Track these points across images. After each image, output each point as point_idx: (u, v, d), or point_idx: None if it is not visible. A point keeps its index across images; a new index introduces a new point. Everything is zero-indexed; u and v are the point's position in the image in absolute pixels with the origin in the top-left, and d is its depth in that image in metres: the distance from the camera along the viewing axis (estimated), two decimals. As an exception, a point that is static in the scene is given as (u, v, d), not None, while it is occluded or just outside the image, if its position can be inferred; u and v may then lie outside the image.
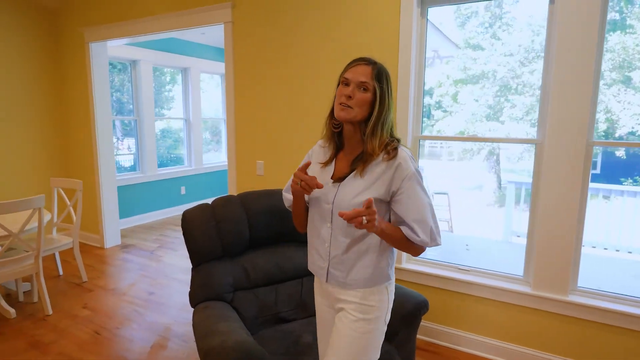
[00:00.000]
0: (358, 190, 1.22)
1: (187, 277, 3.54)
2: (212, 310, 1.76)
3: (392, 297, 1.33)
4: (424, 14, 2.43)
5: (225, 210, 1.99)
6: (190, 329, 2.67)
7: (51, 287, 3.28)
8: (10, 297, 3.09)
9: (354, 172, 1.25)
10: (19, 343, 2.48)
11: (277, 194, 2.12)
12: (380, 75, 1.22)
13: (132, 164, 5.35)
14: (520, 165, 8.55)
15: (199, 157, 6.08)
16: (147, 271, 3.68)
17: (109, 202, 4.27)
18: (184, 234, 1.94)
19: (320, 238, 1.32)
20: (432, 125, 7.65)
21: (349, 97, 1.20)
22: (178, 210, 5.77)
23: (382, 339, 1.32)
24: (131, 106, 5.25)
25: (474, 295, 2.39)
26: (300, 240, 2.20)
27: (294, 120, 2.88)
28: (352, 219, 1.05)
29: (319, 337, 1.47)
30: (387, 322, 1.33)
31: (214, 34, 5.30)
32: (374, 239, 1.25)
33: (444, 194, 5.69)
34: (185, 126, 6.00)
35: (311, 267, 1.40)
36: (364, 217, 1.06)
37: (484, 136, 6.57)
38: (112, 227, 4.33)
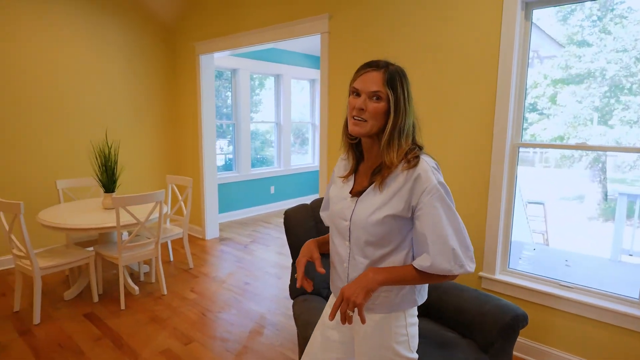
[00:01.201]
0: (375, 206, 1.12)
1: (278, 270, 3.80)
2: (310, 303, 1.91)
3: (410, 322, 1.18)
4: (528, 17, 2.34)
5: (323, 211, 2.13)
6: (283, 319, 2.88)
7: (165, 270, 3.74)
8: (133, 277, 3.60)
9: (373, 186, 1.14)
10: (142, 316, 2.89)
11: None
12: (393, 80, 1.10)
13: (224, 163, 5.83)
14: (633, 174, 7.60)
15: (287, 159, 6.42)
16: (242, 263, 4.02)
17: (211, 198, 4.72)
18: (286, 231, 2.11)
19: (339, 257, 1.22)
20: (525, 129, 7.16)
21: (362, 110, 1.09)
22: (267, 209, 6.16)
23: None
24: (224, 110, 5.73)
25: (575, 314, 2.24)
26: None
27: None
28: (342, 318, 1.00)
29: (314, 333, 1.38)
30: (412, 356, 1.17)
31: (303, 42, 5.58)
32: (394, 263, 1.13)
33: (540, 204, 5.31)
34: (276, 129, 6.37)
35: (332, 287, 1.30)
36: (347, 310, 0.99)
37: (588, 142, 6.01)
38: (213, 221, 4.78)
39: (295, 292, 2.04)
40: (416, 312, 1.21)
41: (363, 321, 1.04)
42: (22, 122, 3.74)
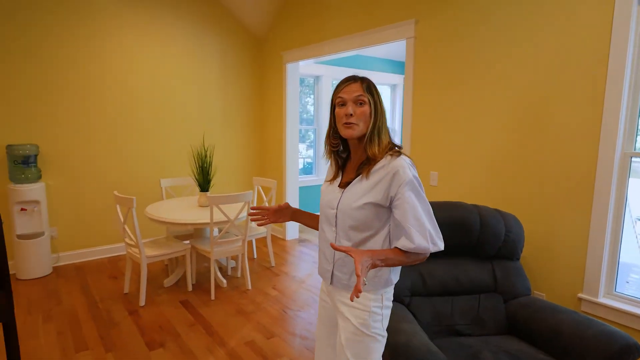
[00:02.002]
0: (360, 194, 1.29)
1: (355, 275, 3.82)
2: (393, 310, 1.90)
3: (386, 303, 1.34)
4: (647, 12, 2.09)
5: (406, 218, 2.12)
6: (361, 324, 2.90)
7: (249, 267, 3.98)
8: (222, 270, 3.88)
9: (360, 177, 1.31)
10: (229, 307, 3.11)
11: (459, 207, 2.14)
12: (370, 88, 1.30)
13: (302, 167, 6.02)
14: None
15: (365, 164, 6.43)
16: (320, 265, 4.11)
17: (292, 200, 4.91)
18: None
19: (326, 241, 1.39)
20: None
21: (351, 115, 1.27)
22: (344, 212, 6.23)
23: (377, 351, 1.32)
24: (304, 115, 5.92)
25: None
26: (480, 257, 2.17)
27: (472, 136, 2.83)
28: (357, 292, 1.03)
29: (317, 327, 1.53)
30: (384, 334, 1.33)
31: (384, 47, 5.55)
32: (375, 245, 1.30)
33: (654, 221, 4.64)
34: (355, 134, 6.43)
35: (319, 271, 1.45)
36: (362, 279, 1.06)
37: None
38: (293, 222, 4.97)
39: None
40: (392, 297, 1.38)
41: (359, 289, 1.06)
42: (134, 127, 4.26)
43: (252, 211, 1.52)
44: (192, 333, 2.73)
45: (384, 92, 6.83)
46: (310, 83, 5.86)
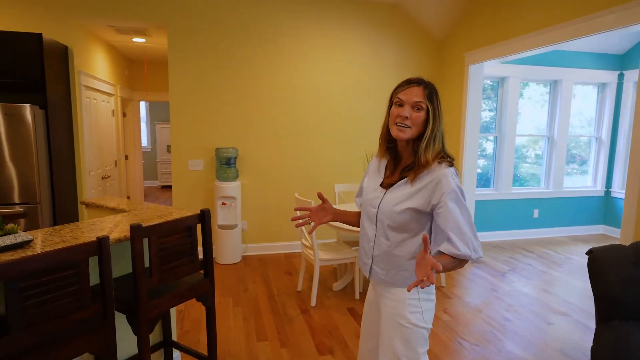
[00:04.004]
0: (401, 198, 1.34)
1: (544, 313, 3.18)
2: (631, 336, 1.41)
3: (424, 297, 1.37)
4: None
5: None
6: (560, 379, 2.34)
7: (416, 282, 3.74)
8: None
9: (405, 180, 1.35)
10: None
11: None
12: (432, 95, 1.31)
13: (475, 179, 5.40)
14: None
15: (558, 179, 5.42)
16: (498, 292, 3.58)
17: (466, 215, 4.46)
18: (591, 276, 1.66)
19: (366, 237, 1.46)
20: None
21: (405, 118, 1.29)
22: (528, 234, 5.37)
23: (418, 340, 1.35)
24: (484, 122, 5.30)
25: None
26: None
27: None
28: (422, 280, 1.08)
29: (363, 315, 1.59)
30: (426, 326, 1.37)
31: (591, 39, 4.52)
32: (412, 247, 1.35)
33: None
34: (547, 144, 5.48)
35: (359, 263, 1.53)
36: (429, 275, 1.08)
37: None
38: (466, 239, 4.51)
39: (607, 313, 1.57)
40: (432, 291, 1.40)
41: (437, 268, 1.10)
42: (313, 132, 4.52)
43: (296, 215, 1.53)
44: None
45: (587, 94, 5.64)
46: (487, 86, 5.24)
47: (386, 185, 1.41)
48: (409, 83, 1.35)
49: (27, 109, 3.20)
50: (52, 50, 3.52)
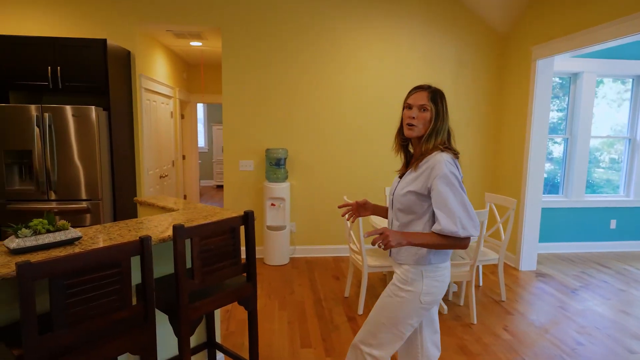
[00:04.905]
0: (407, 183, 1.57)
1: (624, 338, 2.79)
2: None
3: (428, 281, 1.53)
4: None
5: None
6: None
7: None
8: (441, 293, 3.52)
9: (411, 169, 1.58)
10: (450, 340, 2.73)
11: None
12: (435, 97, 1.53)
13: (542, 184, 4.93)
14: None
15: (641, 186, 4.82)
16: (568, 311, 3.21)
17: (531, 224, 4.08)
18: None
19: (389, 220, 1.69)
20: None
21: (413, 118, 1.54)
22: (604, 247, 4.82)
23: (414, 315, 1.55)
24: (553, 122, 4.83)
25: None
26: None
27: None
28: (373, 242, 1.40)
29: None
30: (425, 304, 1.54)
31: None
32: (417, 227, 1.55)
33: None
34: (628, 146, 4.90)
35: None
36: (379, 241, 1.39)
37: None
38: (530, 250, 4.13)
39: None
40: (438, 274, 1.55)
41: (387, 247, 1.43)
42: (362, 135, 4.38)
43: (343, 208, 1.79)
44: (408, 360, 2.48)
45: (680, 90, 4.95)
46: (555, 84, 4.78)
47: (401, 175, 1.66)
48: (415, 90, 1.58)
49: (92, 110, 3.38)
50: (116, 54, 3.70)
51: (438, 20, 4.32)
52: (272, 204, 4.18)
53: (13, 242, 1.43)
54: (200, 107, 9.87)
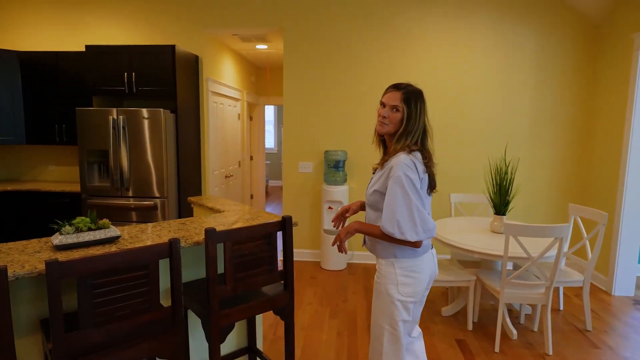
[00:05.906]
0: (374, 181, 1.65)
1: None
2: None
3: (400, 271, 1.58)
4: None
5: None
6: None
7: (551, 321, 3.03)
8: (511, 314, 3.13)
9: (378, 168, 1.65)
10: (518, 372, 2.39)
11: None
12: (409, 98, 1.56)
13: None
14: None
15: None
16: (675, 351, 2.65)
17: (629, 242, 3.48)
18: None
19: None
20: None
21: (385, 117, 1.59)
22: None
23: (391, 309, 1.59)
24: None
25: None
26: None
27: None
28: (332, 242, 1.70)
29: None
30: (401, 298, 1.58)
31: None
32: (376, 223, 1.63)
33: None
34: None
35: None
36: (337, 239, 1.65)
37: None
38: (627, 272, 3.52)
39: None
40: (410, 267, 1.59)
41: (344, 251, 1.70)
42: (436, 135, 4.09)
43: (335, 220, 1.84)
44: (465, 389, 2.22)
45: None
46: (678, 76, 4.01)
47: (375, 172, 1.71)
48: (389, 89, 1.61)
49: (161, 113, 3.57)
50: (184, 59, 3.88)
51: (515, 9, 3.88)
52: (330, 207, 4.08)
53: (57, 239, 1.50)
54: (271, 109, 10.14)
